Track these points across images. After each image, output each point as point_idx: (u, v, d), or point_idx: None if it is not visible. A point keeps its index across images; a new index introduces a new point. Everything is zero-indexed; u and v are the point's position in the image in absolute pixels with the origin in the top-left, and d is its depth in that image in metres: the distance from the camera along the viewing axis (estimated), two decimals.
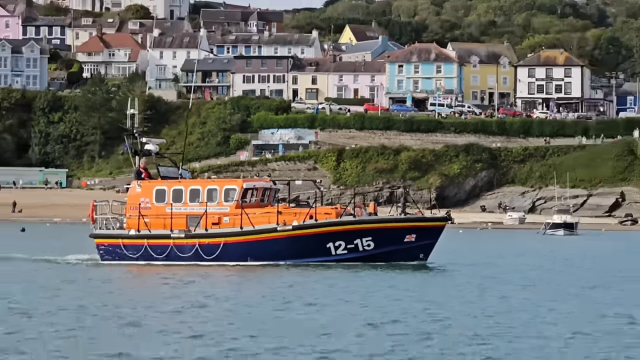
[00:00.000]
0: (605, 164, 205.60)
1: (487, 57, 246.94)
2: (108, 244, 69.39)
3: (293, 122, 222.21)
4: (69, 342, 32.38)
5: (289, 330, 35.66)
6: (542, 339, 33.71)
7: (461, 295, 49.38)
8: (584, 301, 47.68)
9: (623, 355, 30.80)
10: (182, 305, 43.41)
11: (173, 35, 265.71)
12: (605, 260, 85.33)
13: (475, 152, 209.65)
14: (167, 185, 68.68)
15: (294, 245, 66.56)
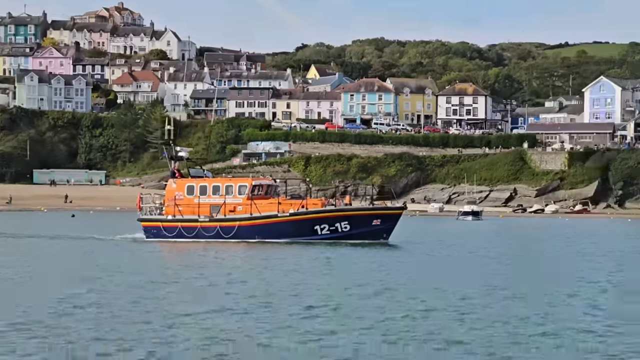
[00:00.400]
0: (502, 167, 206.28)
1: (416, 88, 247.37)
2: (152, 226, 72.48)
3: (273, 136, 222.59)
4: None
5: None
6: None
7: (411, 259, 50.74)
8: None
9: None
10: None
11: (184, 72, 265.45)
12: (503, 235, 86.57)
13: (406, 159, 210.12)
14: (196, 182, 71.82)
15: (290, 227, 69.04)
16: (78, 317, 29.47)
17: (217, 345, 24.92)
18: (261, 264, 52.92)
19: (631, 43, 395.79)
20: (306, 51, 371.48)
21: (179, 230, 70.48)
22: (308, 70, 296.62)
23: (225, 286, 39.64)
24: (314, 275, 45.32)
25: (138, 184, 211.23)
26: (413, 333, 27.05)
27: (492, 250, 69.90)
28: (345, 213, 70.10)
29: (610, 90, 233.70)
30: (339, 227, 69.11)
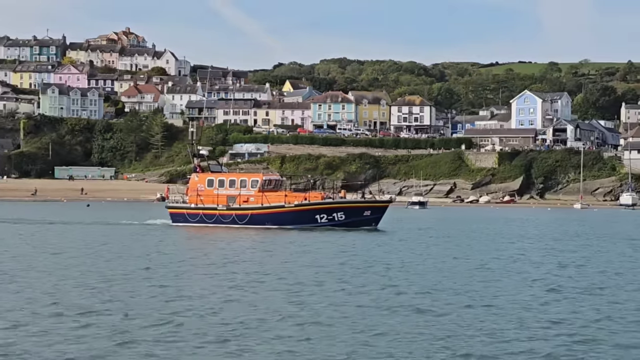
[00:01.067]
0: (444, 165, 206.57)
1: (373, 100, 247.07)
2: (177, 213, 72.85)
3: (254, 139, 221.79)
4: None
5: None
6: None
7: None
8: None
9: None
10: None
11: (180, 85, 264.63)
12: (445, 219, 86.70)
13: (365, 158, 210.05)
14: (215, 176, 71.92)
15: (295, 216, 69.12)
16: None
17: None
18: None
19: (550, 63, 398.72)
20: (282, 69, 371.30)
21: (200, 217, 70.80)
22: (283, 85, 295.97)
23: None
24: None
25: (142, 179, 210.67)
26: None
27: (438, 230, 72.62)
28: (341, 205, 70.49)
29: (533, 101, 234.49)
30: (336, 217, 69.21)
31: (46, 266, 37.58)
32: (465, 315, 25.15)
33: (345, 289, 30.40)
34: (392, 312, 25.55)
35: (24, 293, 28.57)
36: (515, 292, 30.22)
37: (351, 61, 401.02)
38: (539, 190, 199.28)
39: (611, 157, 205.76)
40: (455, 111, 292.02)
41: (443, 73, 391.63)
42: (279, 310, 25.57)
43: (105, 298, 27.52)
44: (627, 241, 62.49)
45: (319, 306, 26.44)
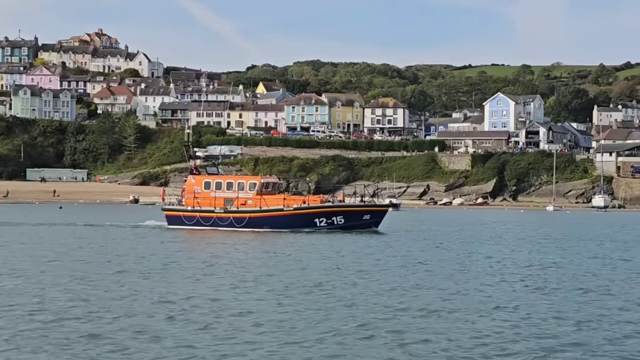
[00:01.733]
0: (417, 167, 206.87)
1: (346, 102, 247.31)
2: (174, 215, 71.42)
3: (228, 141, 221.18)
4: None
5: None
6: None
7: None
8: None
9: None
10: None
11: (153, 87, 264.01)
12: (420, 220, 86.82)
13: (339, 160, 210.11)
14: (212, 179, 70.88)
15: (294, 219, 68.08)
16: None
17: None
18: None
19: (522, 65, 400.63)
20: (255, 70, 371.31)
21: (197, 219, 69.57)
22: (257, 87, 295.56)
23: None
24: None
25: (115, 181, 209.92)
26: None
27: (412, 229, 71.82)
28: (341, 209, 69.87)
29: (505, 104, 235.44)
30: (335, 220, 68.49)
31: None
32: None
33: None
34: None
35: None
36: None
37: (325, 63, 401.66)
38: (511, 192, 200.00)
39: (583, 160, 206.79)
40: (429, 113, 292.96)
41: (416, 75, 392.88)
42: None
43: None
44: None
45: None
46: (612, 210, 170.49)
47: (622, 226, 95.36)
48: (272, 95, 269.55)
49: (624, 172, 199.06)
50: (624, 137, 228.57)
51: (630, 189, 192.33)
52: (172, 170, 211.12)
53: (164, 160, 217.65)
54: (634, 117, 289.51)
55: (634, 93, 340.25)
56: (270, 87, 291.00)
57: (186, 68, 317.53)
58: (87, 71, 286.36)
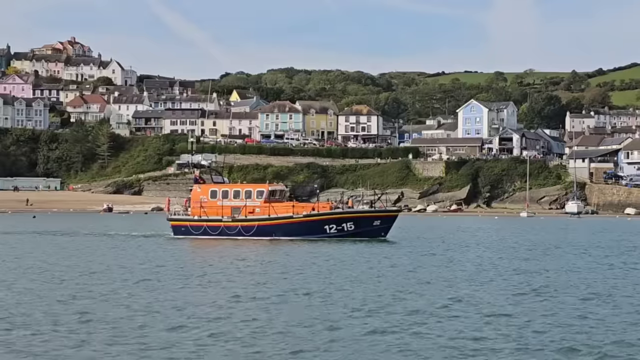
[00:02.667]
0: (391, 174, 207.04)
1: (320, 109, 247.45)
2: (180, 225, 70.32)
3: (202, 149, 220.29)
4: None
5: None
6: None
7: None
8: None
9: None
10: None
11: (127, 95, 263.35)
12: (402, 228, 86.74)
13: (313, 168, 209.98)
14: (218, 187, 69.94)
15: (304, 227, 67.15)
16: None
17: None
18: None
19: (495, 72, 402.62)
20: (229, 78, 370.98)
21: (204, 229, 68.48)
22: (231, 94, 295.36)
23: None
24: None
25: (88, 190, 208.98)
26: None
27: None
28: (351, 215, 68.67)
29: (479, 111, 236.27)
30: (345, 227, 67.28)
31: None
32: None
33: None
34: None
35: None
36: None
37: (298, 71, 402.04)
38: (485, 199, 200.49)
39: (556, 166, 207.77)
40: (402, 121, 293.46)
41: (390, 83, 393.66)
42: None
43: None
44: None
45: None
46: (585, 216, 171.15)
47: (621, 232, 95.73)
48: (246, 103, 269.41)
49: (596, 178, 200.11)
50: (596, 144, 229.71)
51: (603, 194, 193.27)
52: (146, 179, 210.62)
53: (137, 169, 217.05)
54: (606, 124, 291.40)
55: (606, 99, 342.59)
56: (244, 95, 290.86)
57: (160, 76, 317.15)
58: (60, 80, 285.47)
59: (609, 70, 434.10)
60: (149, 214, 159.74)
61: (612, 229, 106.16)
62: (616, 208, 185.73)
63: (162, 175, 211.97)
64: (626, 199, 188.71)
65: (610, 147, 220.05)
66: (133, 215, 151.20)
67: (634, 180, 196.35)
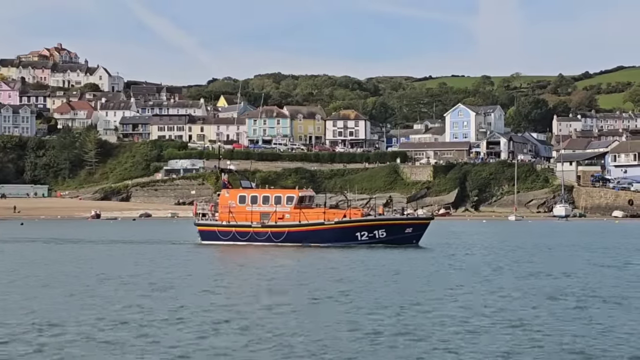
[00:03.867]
0: (379, 179, 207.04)
1: (308, 114, 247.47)
2: (208, 230, 69.40)
3: (189, 155, 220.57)
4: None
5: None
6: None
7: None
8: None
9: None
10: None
11: (114, 101, 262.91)
12: None
13: (301, 173, 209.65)
14: (247, 193, 69.16)
15: (335, 233, 66.32)
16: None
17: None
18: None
19: (483, 76, 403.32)
20: (216, 84, 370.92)
21: (233, 234, 67.70)
22: (218, 100, 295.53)
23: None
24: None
25: (76, 197, 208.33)
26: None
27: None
28: (383, 222, 67.61)
29: (466, 115, 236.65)
30: (377, 234, 66.37)
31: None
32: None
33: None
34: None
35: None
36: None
37: (286, 76, 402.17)
38: (473, 202, 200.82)
39: (544, 169, 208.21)
40: (390, 125, 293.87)
41: (377, 87, 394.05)
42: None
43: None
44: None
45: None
46: (573, 219, 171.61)
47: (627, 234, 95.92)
48: (233, 108, 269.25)
49: (584, 181, 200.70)
50: (583, 147, 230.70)
51: (591, 197, 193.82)
52: (134, 185, 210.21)
53: (125, 175, 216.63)
54: (593, 127, 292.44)
55: (593, 103, 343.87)
56: (231, 100, 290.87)
57: (147, 82, 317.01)
58: (47, 86, 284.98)
59: (595, 74, 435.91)
60: (137, 220, 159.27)
61: (622, 231, 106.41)
62: (604, 211, 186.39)
63: (150, 182, 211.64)
64: (613, 202, 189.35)
65: (597, 150, 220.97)
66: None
67: (621, 183, 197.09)
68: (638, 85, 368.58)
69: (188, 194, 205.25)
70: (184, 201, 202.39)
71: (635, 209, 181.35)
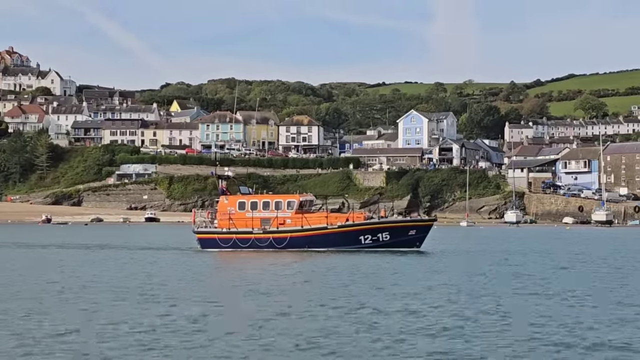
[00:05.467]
0: (333, 184, 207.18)
1: (261, 119, 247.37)
2: (208, 238, 68.14)
3: (142, 159, 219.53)
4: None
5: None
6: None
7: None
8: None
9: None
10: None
11: (66, 105, 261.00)
12: None
13: (254, 178, 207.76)
14: (246, 199, 68.16)
15: (338, 237, 65.64)
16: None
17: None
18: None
19: (435, 83, 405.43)
20: (169, 89, 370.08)
21: (234, 241, 66.58)
22: (171, 105, 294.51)
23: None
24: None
25: (27, 201, 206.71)
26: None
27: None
28: (386, 225, 66.93)
29: (419, 121, 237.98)
30: (381, 237, 65.90)
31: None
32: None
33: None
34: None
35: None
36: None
37: (239, 81, 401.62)
38: (425, 208, 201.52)
39: (496, 176, 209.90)
40: (343, 131, 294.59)
41: (331, 93, 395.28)
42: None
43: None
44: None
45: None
46: (524, 225, 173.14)
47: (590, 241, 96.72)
48: (186, 113, 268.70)
49: (535, 187, 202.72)
50: (534, 154, 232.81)
51: (542, 204, 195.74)
52: (86, 190, 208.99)
53: (77, 180, 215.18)
54: (544, 134, 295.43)
55: (544, 110, 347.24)
56: (184, 105, 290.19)
57: (99, 86, 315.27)
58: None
59: (547, 81, 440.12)
60: (89, 225, 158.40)
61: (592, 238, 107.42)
62: (554, 217, 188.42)
63: (101, 186, 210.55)
64: (564, 208, 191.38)
65: (548, 157, 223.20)
66: (85, 226, 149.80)
67: (572, 189, 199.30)
68: (589, 93, 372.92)
69: (140, 199, 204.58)
70: (136, 206, 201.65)
71: (585, 215, 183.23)
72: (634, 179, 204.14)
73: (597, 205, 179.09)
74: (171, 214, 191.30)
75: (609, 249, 75.81)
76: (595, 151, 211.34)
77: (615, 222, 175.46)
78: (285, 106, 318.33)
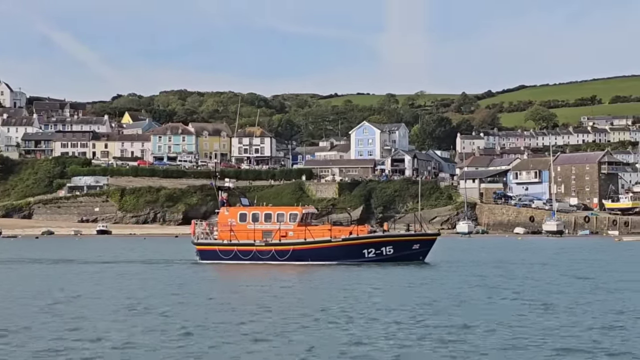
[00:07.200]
0: (286, 196, 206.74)
1: (213, 131, 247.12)
2: (208, 249, 67.29)
3: (93, 172, 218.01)
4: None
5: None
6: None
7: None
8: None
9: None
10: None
11: (16, 117, 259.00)
12: None
13: (206, 190, 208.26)
14: (248, 210, 67.44)
15: (341, 251, 65.00)
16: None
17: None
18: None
19: (387, 94, 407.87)
20: (121, 100, 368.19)
21: (235, 253, 65.65)
22: (122, 116, 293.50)
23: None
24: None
25: None
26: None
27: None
28: (390, 239, 66.67)
29: (371, 132, 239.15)
30: (384, 251, 65.27)
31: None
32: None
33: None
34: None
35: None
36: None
37: (191, 93, 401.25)
38: (378, 219, 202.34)
39: (448, 187, 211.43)
40: (296, 142, 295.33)
41: (283, 104, 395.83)
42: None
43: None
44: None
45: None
46: (475, 235, 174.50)
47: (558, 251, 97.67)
48: (138, 125, 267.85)
49: (486, 198, 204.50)
50: (486, 164, 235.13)
51: (493, 214, 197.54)
52: (36, 202, 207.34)
53: (27, 192, 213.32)
54: (496, 145, 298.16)
55: (495, 121, 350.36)
56: (136, 116, 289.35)
57: (50, 98, 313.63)
58: None
59: (498, 92, 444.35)
60: (40, 238, 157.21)
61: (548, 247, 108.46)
62: (506, 227, 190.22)
63: (52, 199, 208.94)
64: (515, 219, 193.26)
65: (499, 168, 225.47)
66: (27, 240, 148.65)
67: (523, 200, 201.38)
68: (539, 104, 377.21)
69: (92, 211, 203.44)
70: (87, 218, 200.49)
71: (536, 225, 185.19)
72: (584, 189, 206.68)
73: (548, 216, 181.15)
74: (123, 227, 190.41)
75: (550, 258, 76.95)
76: (546, 162, 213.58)
77: (566, 232, 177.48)
78: (238, 118, 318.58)
